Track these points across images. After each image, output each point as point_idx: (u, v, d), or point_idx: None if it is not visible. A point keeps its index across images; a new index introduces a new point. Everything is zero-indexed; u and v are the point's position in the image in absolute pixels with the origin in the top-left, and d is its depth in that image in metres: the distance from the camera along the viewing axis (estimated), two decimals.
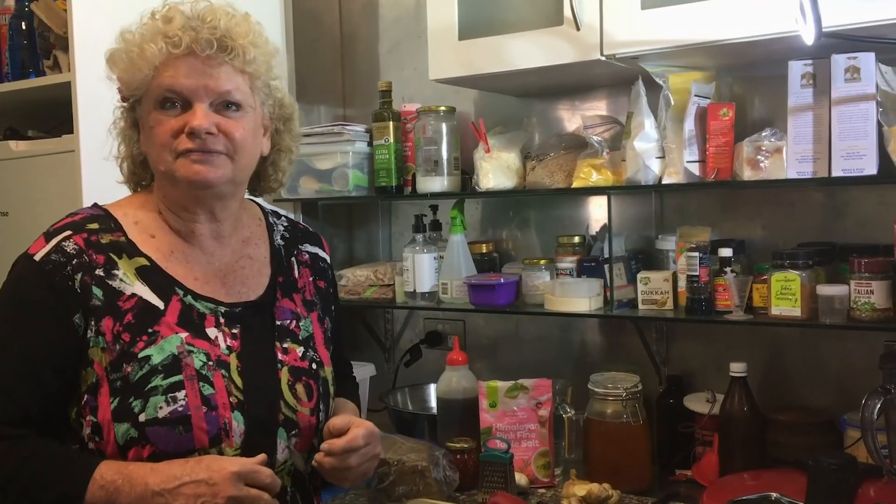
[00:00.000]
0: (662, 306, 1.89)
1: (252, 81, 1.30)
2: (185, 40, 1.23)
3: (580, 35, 1.78)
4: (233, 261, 1.37)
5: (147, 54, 1.23)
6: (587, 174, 1.92)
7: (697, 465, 1.89)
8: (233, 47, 1.25)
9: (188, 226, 1.33)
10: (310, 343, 1.39)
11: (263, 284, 1.39)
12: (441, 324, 2.47)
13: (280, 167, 1.44)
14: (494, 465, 1.82)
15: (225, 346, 1.28)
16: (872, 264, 1.62)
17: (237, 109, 1.28)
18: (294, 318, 1.39)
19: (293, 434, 1.31)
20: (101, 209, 1.33)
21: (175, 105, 1.25)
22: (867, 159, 1.59)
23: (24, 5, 2.08)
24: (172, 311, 1.26)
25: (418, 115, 2.20)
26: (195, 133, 1.23)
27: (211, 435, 1.22)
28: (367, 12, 2.57)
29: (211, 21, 1.25)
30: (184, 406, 1.20)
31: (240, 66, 1.27)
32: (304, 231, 1.53)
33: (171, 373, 1.22)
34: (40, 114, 2.20)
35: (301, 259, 1.47)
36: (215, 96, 1.25)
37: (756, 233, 1.98)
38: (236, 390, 1.26)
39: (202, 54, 1.24)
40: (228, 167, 1.28)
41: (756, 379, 1.89)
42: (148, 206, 1.34)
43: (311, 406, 1.34)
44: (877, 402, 1.52)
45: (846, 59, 1.60)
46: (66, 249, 1.23)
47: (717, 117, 1.77)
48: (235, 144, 1.27)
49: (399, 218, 2.55)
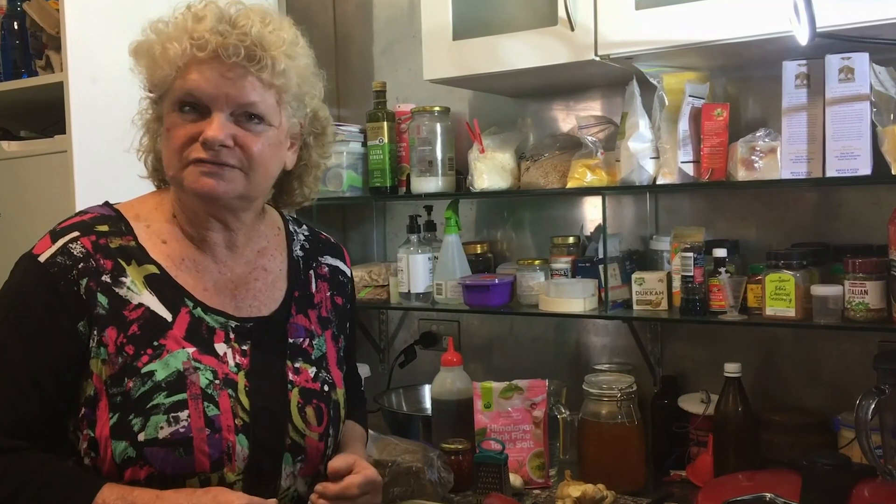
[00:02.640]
0: (657, 307, 1.89)
1: (280, 95, 1.22)
2: (210, 44, 1.16)
3: (574, 35, 1.78)
4: (246, 272, 1.31)
5: (170, 53, 1.17)
6: (582, 174, 1.92)
7: (692, 466, 1.89)
8: (261, 57, 1.17)
9: (201, 233, 1.27)
10: (322, 363, 1.33)
11: (277, 299, 1.33)
12: (435, 324, 2.47)
13: (306, 182, 1.37)
14: (489, 466, 1.81)
15: (233, 363, 1.22)
16: (866, 265, 1.62)
17: (259, 122, 1.20)
18: (308, 335, 1.33)
19: (299, 459, 1.25)
20: (113, 209, 1.27)
21: (193, 109, 1.18)
22: (861, 159, 1.59)
23: (17, 5, 2.07)
24: (180, 324, 1.20)
25: (412, 115, 2.19)
26: (208, 144, 1.16)
27: (213, 459, 1.16)
28: (361, 12, 2.57)
29: (243, 26, 1.17)
30: (186, 427, 1.15)
31: (268, 79, 1.19)
32: (326, 242, 1.47)
33: (175, 391, 1.16)
34: (33, 114, 2.19)
35: (320, 272, 1.41)
36: (236, 106, 1.18)
37: (750, 233, 1.98)
38: (242, 412, 1.20)
39: (228, 60, 1.16)
40: (240, 182, 1.21)
41: (750, 379, 1.89)
42: (162, 207, 1.28)
43: (321, 431, 1.28)
44: (871, 402, 1.52)
45: (840, 59, 1.60)
46: (73, 252, 1.18)
47: (712, 118, 1.77)
48: (252, 159, 1.20)
49: (393, 218, 2.55)
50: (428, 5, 2.01)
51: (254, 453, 1.20)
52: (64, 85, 1.89)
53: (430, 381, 2.17)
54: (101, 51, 1.87)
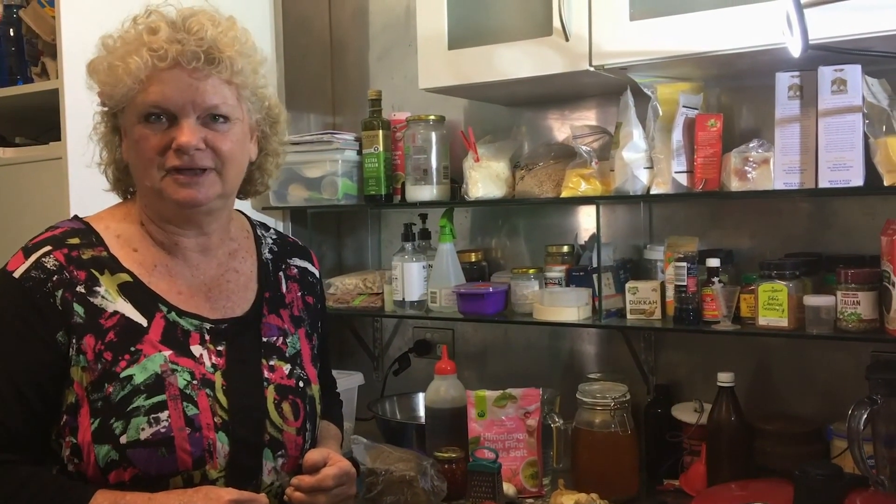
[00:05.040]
0: (650, 316, 1.90)
1: (239, 91, 1.27)
2: (171, 53, 1.19)
3: (569, 45, 1.79)
4: (218, 274, 1.34)
5: (132, 67, 1.19)
6: (576, 184, 1.93)
7: (685, 475, 1.89)
8: (220, 59, 1.22)
9: (172, 238, 1.30)
10: (297, 360, 1.36)
11: (249, 300, 1.36)
12: (430, 332, 2.47)
13: (266, 170, 1.42)
14: (482, 475, 1.82)
15: (210, 364, 1.25)
16: (859, 275, 1.63)
17: (224, 122, 1.25)
18: (281, 334, 1.36)
19: (279, 455, 1.28)
20: (82, 222, 1.29)
21: (160, 119, 1.21)
22: (854, 170, 1.60)
23: (13, 12, 2.07)
24: (156, 329, 1.23)
25: (408, 123, 2.20)
26: (183, 149, 1.20)
27: (195, 457, 1.19)
28: (357, 20, 2.58)
29: (197, 32, 1.21)
30: (167, 427, 1.17)
31: (227, 77, 1.24)
32: (293, 245, 1.51)
33: (154, 392, 1.18)
34: (28, 121, 2.19)
35: (289, 274, 1.45)
36: (202, 111, 1.22)
37: (743, 243, 1.98)
38: (221, 410, 1.23)
39: (188, 66, 1.20)
40: (217, 184, 1.25)
41: (743, 389, 1.89)
42: (130, 217, 1.31)
43: (298, 425, 1.31)
44: (863, 412, 1.52)
45: (833, 71, 1.61)
46: (47, 266, 1.20)
47: (705, 128, 1.78)
48: (223, 158, 1.24)
49: (388, 226, 2.55)
50: (424, 14, 2.02)
51: (234, 449, 1.23)
52: (59, 92, 1.89)
53: (423, 389, 2.17)
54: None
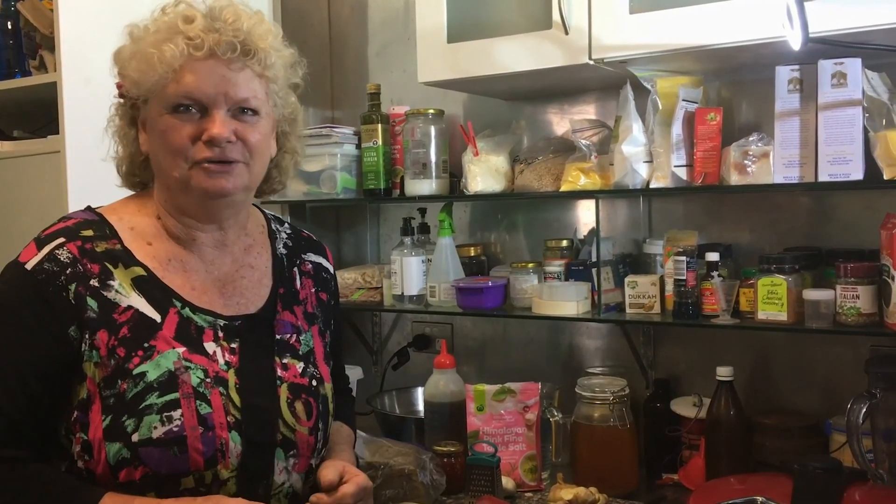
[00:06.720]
0: (650, 310, 1.89)
1: (268, 86, 1.26)
2: (207, 42, 1.18)
3: (569, 39, 1.79)
4: (233, 270, 1.32)
5: (167, 55, 1.17)
6: (575, 178, 1.92)
7: (684, 469, 1.89)
8: (255, 51, 1.21)
9: (190, 233, 1.28)
10: (310, 358, 1.34)
11: (263, 296, 1.34)
12: (429, 327, 2.47)
13: (284, 168, 1.40)
14: (481, 469, 1.82)
15: (223, 361, 1.23)
16: (858, 269, 1.63)
17: (254, 114, 1.23)
18: (294, 331, 1.34)
19: (291, 454, 1.27)
20: (96, 213, 1.27)
21: (189, 110, 1.19)
22: (853, 164, 1.60)
23: (11, 5, 2.07)
24: (170, 325, 1.21)
25: (407, 117, 2.20)
26: (214, 142, 1.19)
27: (206, 456, 1.17)
28: (356, 14, 2.57)
29: (234, 22, 1.20)
30: (179, 426, 1.15)
31: (259, 71, 1.23)
32: (308, 240, 1.49)
33: (167, 390, 1.17)
34: (26, 114, 2.19)
35: (304, 269, 1.43)
36: (233, 103, 1.21)
37: (743, 237, 1.98)
38: (234, 409, 1.21)
39: (224, 57, 1.19)
40: (245, 175, 1.24)
41: (743, 383, 1.89)
42: (144, 210, 1.29)
43: (311, 425, 1.29)
44: (862, 406, 1.52)
45: (833, 64, 1.61)
46: (60, 258, 1.18)
47: (705, 122, 1.77)
48: (252, 150, 1.23)
49: (387, 221, 2.55)
50: (423, 8, 2.01)
51: (246, 449, 1.21)
52: (57, 85, 1.88)
53: (422, 383, 2.17)
54: (95, 51, 1.85)
